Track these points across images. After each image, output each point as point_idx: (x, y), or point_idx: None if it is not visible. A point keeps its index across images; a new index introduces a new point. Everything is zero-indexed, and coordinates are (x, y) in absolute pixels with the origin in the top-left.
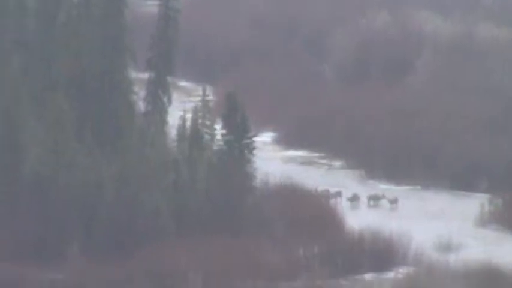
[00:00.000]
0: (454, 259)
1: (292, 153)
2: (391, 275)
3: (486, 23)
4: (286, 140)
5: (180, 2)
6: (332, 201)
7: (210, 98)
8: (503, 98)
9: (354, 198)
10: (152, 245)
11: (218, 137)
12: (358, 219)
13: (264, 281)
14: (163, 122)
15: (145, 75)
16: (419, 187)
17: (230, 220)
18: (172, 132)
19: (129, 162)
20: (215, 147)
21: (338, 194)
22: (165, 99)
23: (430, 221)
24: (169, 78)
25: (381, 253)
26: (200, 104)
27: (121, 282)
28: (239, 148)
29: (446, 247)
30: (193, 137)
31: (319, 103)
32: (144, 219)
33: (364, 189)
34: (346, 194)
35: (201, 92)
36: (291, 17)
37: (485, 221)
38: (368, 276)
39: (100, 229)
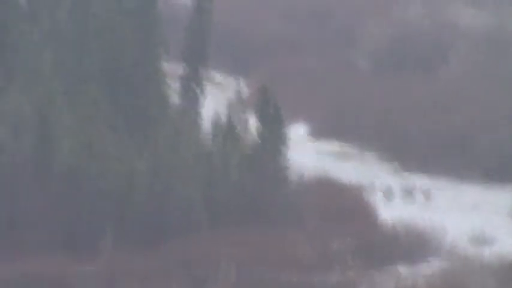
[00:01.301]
0: (488, 252)
1: (325, 144)
2: (424, 267)
3: None
4: (320, 132)
5: None
6: (365, 193)
7: (244, 90)
8: None
9: (388, 191)
10: (185, 236)
11: (251, 129)
12: (391, 212)
13: (297, 273)
14: (197, 114)
15: (179, 68)
16: (453, 179)
17: (263, 212)
18: (206, 124)
19: (162, 154)
20: (248, 140)
21: (371, 186)
22: (199, 91)
23: (464, 213)
24: (202, 71)
25: (415, 246)
26: (234, 96)
27: (153, 274)
28: (272, 140)
29: (481, 240)
30: (227, 129)
31: (352, 94)
32: (176, 211)
33: (398, 181)
34: (380, 186)
35: (234, 84)
36: (324, 7)
37: None
38: (401, 268)
39: (132, 221)
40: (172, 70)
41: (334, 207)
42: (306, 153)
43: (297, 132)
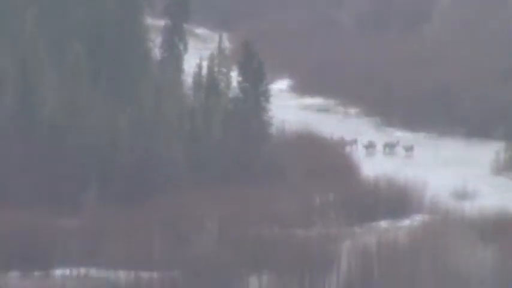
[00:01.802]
0: (469, 207)
1: (308, 100)
2: (406, 222)
3: None
4: (303, 87)
5: None
6: (348, 148)
7: (226, 45)
8: None
9: (370, 146)
10: (168, 192)
11: (234, 84)
12: (373, 167)
13: (279, 228)
14: (179, 69)
15: (161, 23)
16: (435, 135)
17: (246, 168)
18: (188, 80)
19: (145, 110)
20: (231, 95)
21: (354, 141)
22: (181, 47)
23: (445, 168)
24: (185, 26)
25: (397, 201)
26: (216, 51)
27: (136, 229)
28: (255, 96)
29: (462, 195)
30: (209, 85)
31: (336, 50)
32: (160, 167)
33: (380, 136)
34: (362, 141)
35: (217, 40)
36: None
37: (500, 168)
38: (383, 223)
39: (115, 176)
40: (156, 25)
41: (317, 163)
42: (289, 108)
43: (280, 88)
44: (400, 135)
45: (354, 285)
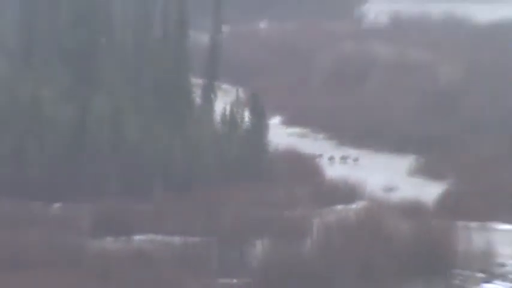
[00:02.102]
0: (393, 196)
1: (292, 130)
2: (354, 206)
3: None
4: (289, 121)
5: (222, 34)
6: (317, 160)
7: (241, 95)
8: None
9: (331, 158)
10: (206, 187)
11: (246, 120)
12: (333, 172)
13: (272, 210)
14: (212, 111)
15: (200, 81)
16: (372, 151)
17: (253, 172)
18: (217, 117)
19: (190, 136)
20: (244, 127)
21: (321, 155)
22: (213, 96)
23: (378, 172)
24: (215, 83)
25: (348, 192)
26: (235, 100)
27: (186, 212)
28: (259, 127)
29: (389, 188)
30: (231, 120)
31: (311, 98)
32: (200, 172)
33: (338, 152)
34: (326, 155)
35: (235, 92)
36: (292, 43)
37: (413, 172)
38: (339, 207)
39: (173, 177)
40: (196, 82)
41: (298, 169)
42: (280, 135)
43: (274, 122)
44: (351, 151)
45: (321, 246)
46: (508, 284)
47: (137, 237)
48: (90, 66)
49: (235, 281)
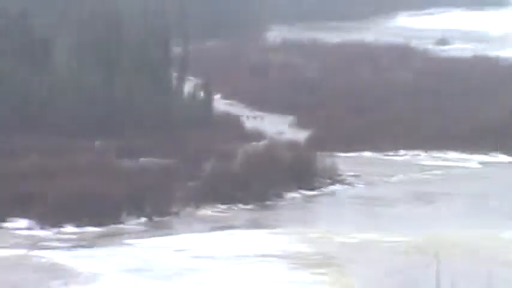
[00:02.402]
0: (282, 138)
1: (226, 101)
2: (261, 143)
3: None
4: (225, 97)
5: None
6: (240, 118)
7: (199, 82)
8: None
9: (247, 117)
10: (177, 132)
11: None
12: (249, 124)
13: (215, 145)
14: (182, 90)
15: (175, 74)
16: (270, 113)
17: (204, 125)
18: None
19: (169, 102)
20: (199, 99)
21: (242, 115)
22: (182, 83)
23: (273, 125)
24: (185, 76)
25: (257, 135)
26: (195, 84)
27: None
28: (208, 99)
29: (279, 133)
30: (193, 95)
31: (237, 83)
32: (174, 123)
33: (251, 114)
34: (245, 115)
35: (196, 81)
36: (227, 52)
37: (292, 125)
38: (253, 143)
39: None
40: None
41: (229, 123)
42: (220, 104)
43: (217, 97)
44: (258, 113)
45: (242, 164)
46: (345, 186)
47: (141, 159)
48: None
49: (193, 184)
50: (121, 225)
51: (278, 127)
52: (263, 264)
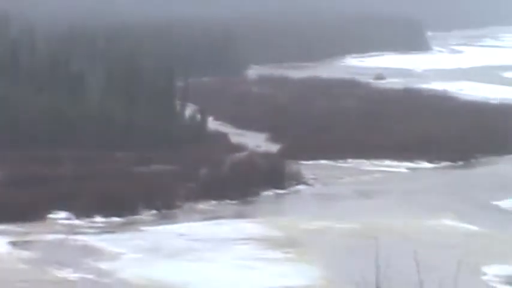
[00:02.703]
0: (259, 150)
1: (217, 122)
2: (243, 153)
3: None
4: (216, 119)
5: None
6: (227, 135)
7: (197, 108)
8: None
9: (233, 134)
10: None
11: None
12: (234, 140)
13: (208, 154)
14: (184, 113)
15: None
16: (250, 131)
17: (200, 139)
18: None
19: (175, 123)
20: (197, 120)
21: (228, 133)
22: (184, 108)
23: (253, 139)
24: (187, 102)
25: (241, 147)
26: (194, 109)
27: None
28: (203, 120)
29: (257, 146)
30: (192, 117)
31: (224, 110)
32: (178, 139)
33: (236, 132)
34: (231, 133)
35: (195, 107)
36: (217, 88)
37: (267, 140)
38: (237, 154)
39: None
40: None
41: (219, 138)
42: (212, 124)
43: (210, 119)
44: (241, 131)
45: (229, 169)
46: (307, 186)
47: (153, 166)
48: None
49: (192, 185)
50: (137, 216)
51: (256, 142)
52: (244, 245)
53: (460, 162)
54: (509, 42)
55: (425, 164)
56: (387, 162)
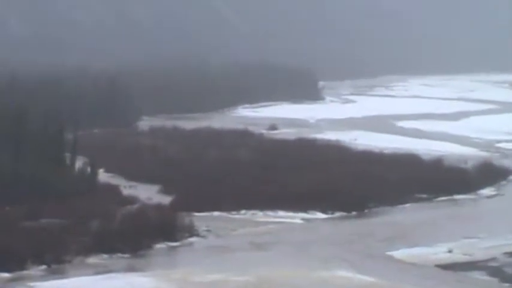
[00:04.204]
0: (151, 202)
1: (108, 174)
2: (135, 206)
3: None
4: (107, 171)
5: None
6: (117, 187)
7: (88, 161)
8: None
9: (124, 186)
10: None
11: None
12: (126, 192)
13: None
14: (74, 165)
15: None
16: (140, 183)
17: (89, 188)
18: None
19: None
20: (87, 172)
21: (119, 185)
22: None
23: (144, 191)
24: (76, 155)
25: (130, 200)
26: (86, 161)
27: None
28: (93, 172)
29: (150, 198)
30: (83, 168)
31: (116, 163)
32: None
33: (126, 183)
34: (122, 185)
35: (85, 159)
36: (109, 138)
37: (160, 192)
38: (128, 206)
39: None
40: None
41: (108, 188)
42: (103, 176)
43: (101, 170)
44: (134, 183)
45: (121, 225)
46: (200, 238)
47: (42, 220)
48: None
49: (83, 238)
50: (26, 272)
51: (148, 194)
52: None
53: (354, 212)
54: (400, 91)
55: (320, 215)
56: (281, 213)
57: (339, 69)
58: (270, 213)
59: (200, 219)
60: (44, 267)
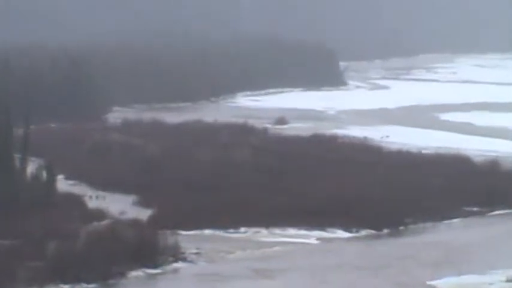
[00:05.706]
0: (125, 217)
1: (69, 181)
2: (104, 222)
3: None
4: (67, 178)
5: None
6: (83, 197)
7: (43, 164)
8: None
9: (90, 197)
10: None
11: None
12: (92, 204)
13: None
14: (26, 170)
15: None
16: (113, 193)
17: (46, 199)
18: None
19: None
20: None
21: (84, 195)
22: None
23: (117, 203)
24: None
25: (100, 215)
26: (39, 165)
27: None
28: (51, 179)
29: (123, 212)
30: (36, 174)
31: (79, 166)
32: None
33: (95, 193)
34: (88, 195)
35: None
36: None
37: (135, 204)
38: (95, 223)
39: None
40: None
41: (70, 198)
42: (61, 183)
43: (60, 177)
44: (102, 193)
45: (86, 247)
46: (187, 263)
47: None
48: None
49: (37, 264)
50: None
51: (121, 206)
52: None
53: (386, 230)
54: (445, 74)
55: (341, 233)
56: (291, 231)
57: (367, 46)
58: (277, 231)
59: (188, 239)
60: None
